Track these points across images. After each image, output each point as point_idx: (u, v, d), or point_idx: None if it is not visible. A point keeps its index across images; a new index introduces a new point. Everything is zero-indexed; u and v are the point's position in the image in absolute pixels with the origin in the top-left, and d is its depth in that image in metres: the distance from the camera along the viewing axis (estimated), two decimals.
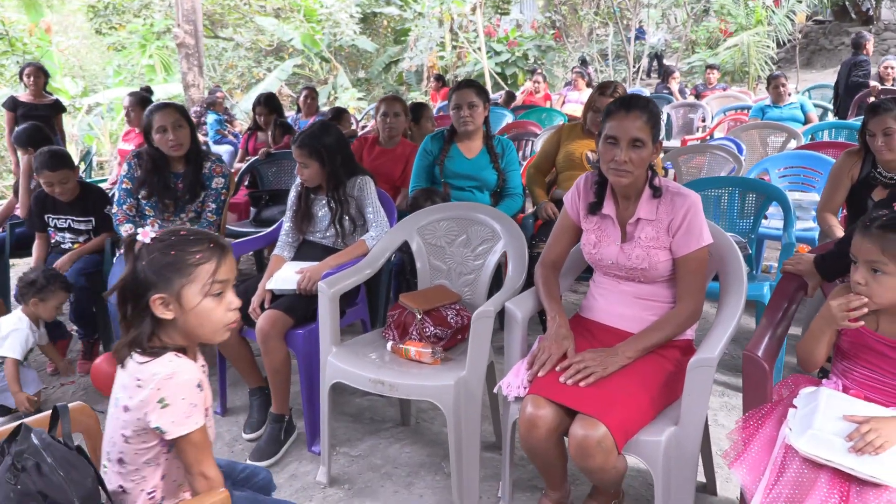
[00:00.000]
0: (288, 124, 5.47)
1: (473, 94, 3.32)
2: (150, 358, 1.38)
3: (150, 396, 1.35)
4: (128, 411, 1.38)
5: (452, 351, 2.37)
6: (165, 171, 3.11)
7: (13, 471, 1.29)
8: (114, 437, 1.43)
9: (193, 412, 1.36)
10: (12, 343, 2.92)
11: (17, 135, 4.23)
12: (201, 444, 1.40)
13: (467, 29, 14.17)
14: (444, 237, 2.66)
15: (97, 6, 16.46)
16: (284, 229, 2.91)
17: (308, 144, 2.75)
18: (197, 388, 1.38)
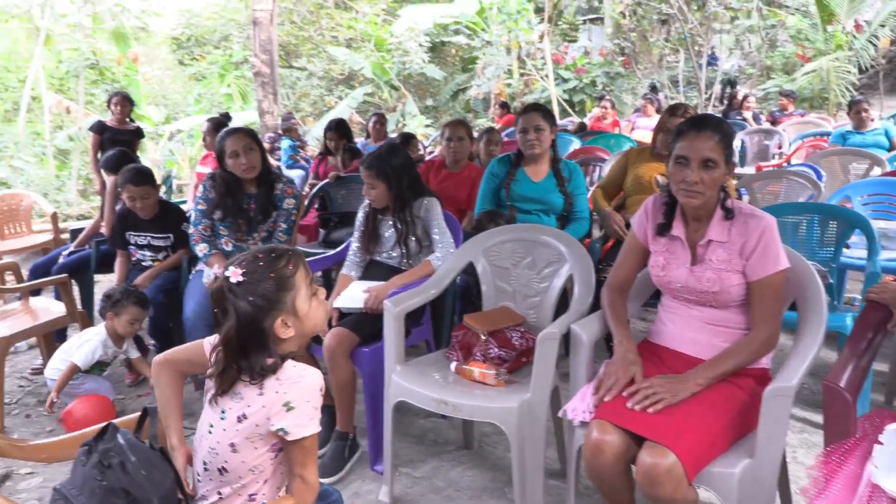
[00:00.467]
0: (357, 149, 5.60)
1: (540, 118, 3.32)
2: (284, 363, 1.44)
3: (274, 400, 1.41)
4: (244, 419, 1.43)
5: (517, 374, 2.35)
6: (238, 193, 3.22)
7: (100, 467, 1.35)
8: (217, 448, 1.48)
9: (315, 415, 1.43)
10: (81, 351, 3.13)
11: (105, 160, 4.47)
12: (311, 448, 1.45)
13: (535, 56, 14.23)
14: (509, 259, 2.65)
15: (180, 38, 17.34)
16: (352, 249, 2.96)
17: (375, 166, 2.81)
18: (319, 391, 1.45)
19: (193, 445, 1.57)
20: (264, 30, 9.41)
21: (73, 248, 4.23)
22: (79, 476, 1.42)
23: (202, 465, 1.53)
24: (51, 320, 3.41)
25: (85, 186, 11.65)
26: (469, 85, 15.06)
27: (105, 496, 1.36)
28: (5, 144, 11.43)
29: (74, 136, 11.78)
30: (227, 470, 1.48)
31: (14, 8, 13.54)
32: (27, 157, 11.01)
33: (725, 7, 12.95)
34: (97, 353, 3.16)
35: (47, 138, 12.43)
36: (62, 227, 6.47)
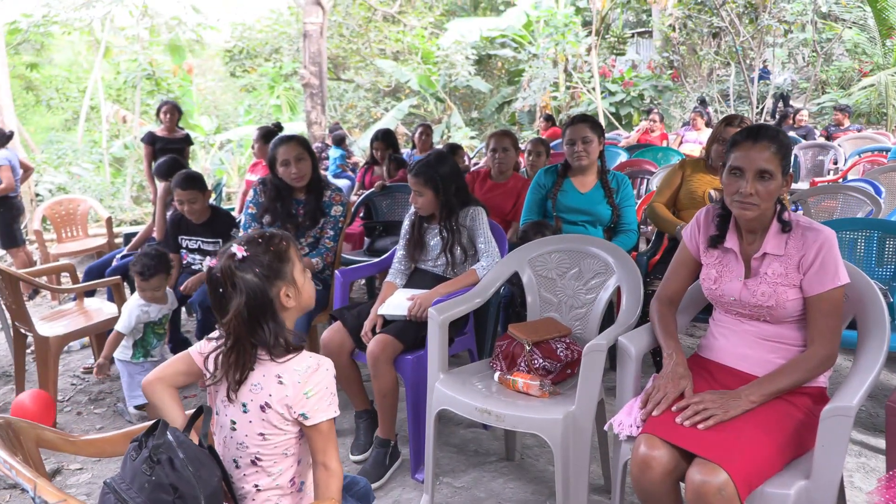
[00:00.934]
0: (402, 159, 5.63)
1: (588, 129, 3.28)
2: (291, 355, 1.52)
3: (296, 390, 1.49)
4: (268, 408, 1.51)
5: (561, 385, 2.32)
6: (288, 198, 3.27)
7: (149, 463, 1.38)
8: (245, 441, 1.54)
9: (333, 401, 1.52)
10: (123, 318, 3.23)
11: (157, 166, 4.60)
12: (331, 433, 1.52)
13: (582, 70, 14.17)
14: (555, 269, 2.62)
15: (233, 51, 17.77)
16: (397, 257, 2.97)
17: (423, 173, 2.81)
18: (333, 378, 1.53)
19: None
20: (314, 42, 9.58)
21: (126, 252, 4.34)
22: (129, 471, 1.45)
23: (232, 464, 1.57)
24: (104, 320, 3.50)
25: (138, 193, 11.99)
26: (514, 98, 15.06)
27: (153, 491, 1.38)
28: (64, 152, 11.87)
29: (129, 145, 12.17)
30: (261, 458, 1.54)
31: (76, 21, 14.10)
32: (85, 164, 11.40)
33: (779, 20, 12.69)
34: (134, 316, 3.24)
35: (104, 146, 12.87)
36: (116, 231, 6.68)
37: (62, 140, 13.72)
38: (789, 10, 12.97)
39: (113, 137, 13.75)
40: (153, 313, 3.29)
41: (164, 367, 1.64)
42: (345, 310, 2.83)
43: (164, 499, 1.39)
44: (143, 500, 1.40)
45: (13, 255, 5.82)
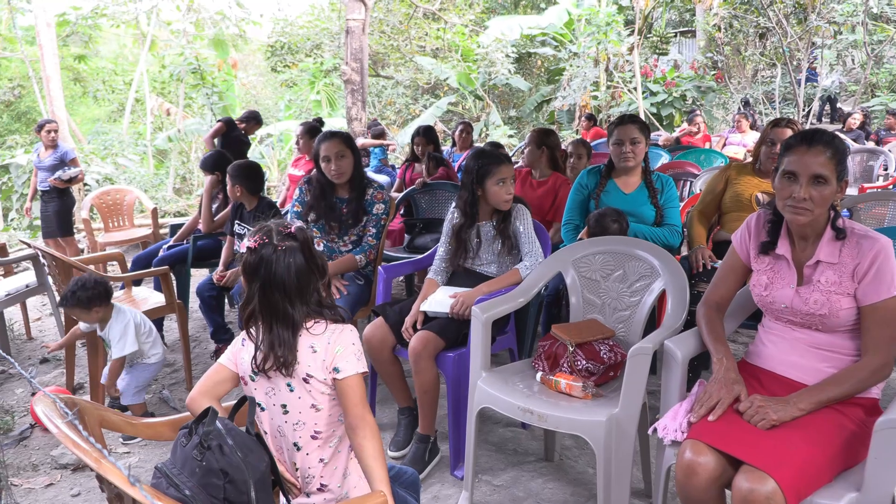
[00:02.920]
0: (441, 157, 5.65)
1: (636, 130, 3.25)
2: (321, 324, 1.63)
3: (327, 350, 1.59)
4: (311, 378, 1.60)
5: (604, 388, 2.31)
6: (331, 196, 3.31)
7: (200, 448, 1.42)
8: (301, 418, 1.63)
9: (361, 357, 1.62)
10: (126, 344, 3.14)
11: (203, 160, 4.70)
12: (361, 389, 1.61)
13: (623, 69, 14.01)
14: (599, 271, 2.62)
15: (274, 46, 17.99)
16: (439, 254, 2.99)
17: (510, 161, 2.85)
18: (359, 338, 1.66)
19: (270, 447, 1.65)
20: (356, 39, 9.65)
21: (172, 243, 4.45)
22: (179, 457, 1.49)
23: (294, 449, 1.65)
24: (152, 309, 3.59)
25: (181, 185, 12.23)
26: (553, 96, 14.96)
27: (204, 476, 1.43)
28: (111, 142, 12.15)
29: (173, 138, 12.39)
30: (320, 431, 1.64)
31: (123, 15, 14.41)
32: (130, 155, 11.66)
33: (829, 21, 12.38)
34: (130, 329, 3.19)
35: (148, 138, 13.15)
36: (161, 222, 6.82)
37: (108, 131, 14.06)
38: (839, 10, 12.65)
39: (157, 130, 14.04)
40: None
41: (203, 382, 1.71)
42: (387, 305, 2.86)
43: (214, 483, 1.44)
44: (194, 484, 1.44)
45: (67, 243, 6.02)
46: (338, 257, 3.28)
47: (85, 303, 3.05)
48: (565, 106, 14.19)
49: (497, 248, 2.85)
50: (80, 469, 2.84)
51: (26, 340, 4.63)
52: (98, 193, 6.58)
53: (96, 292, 3.08)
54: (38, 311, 5.28)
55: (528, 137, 4.25)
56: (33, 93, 13.33)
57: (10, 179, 9.76)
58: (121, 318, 3.15)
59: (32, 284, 4.27)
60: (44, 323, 5.01)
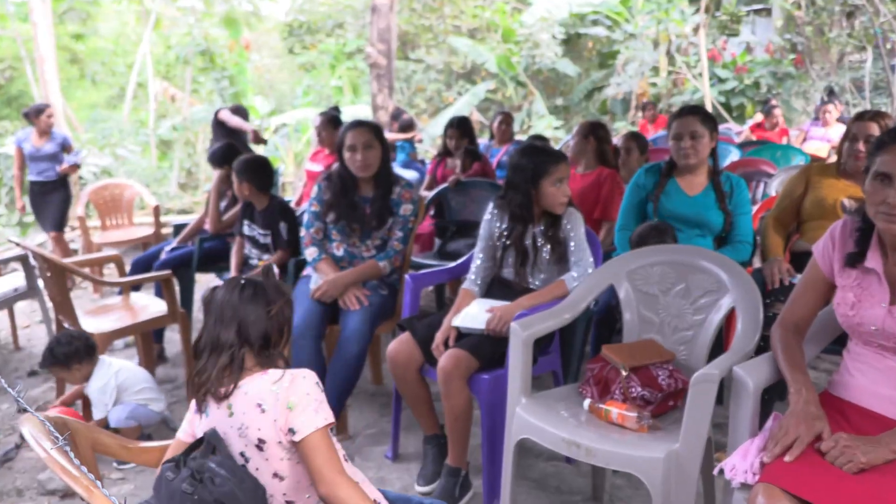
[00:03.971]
0: (477, 151, 5.65)
1: (698, 123, 3.22)
2: (261, 372, 1.61)
3: (277, 408, 1.55)
4: (264, 445, 1.56)
5: (661, 419, 2.29)
6: (354, 193, 3.33)
7: (192, 481, 1.46)
8: (268, 489, 1.60)
9: (320, 408, 1.57)
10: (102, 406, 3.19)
11: (211, 153, 4.77)
12: (325, 447, 1.55)
13: (687, 52, 13.88)
14: (658, 284, 2.59)
15: (292, 25, 18.19)
16: (475, 262, 2.98)
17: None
18: (315, 384, 1.59)
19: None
20: (383, 17, 9.72)
21: (175, 244, 4.52)
22: (165, 493, 1.54)
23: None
24: (151, 318, 3.66)
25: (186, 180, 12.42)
26: (606, 83, 14.87)
27: None
28: (110, 131, 12.39)
29: (178, 127, 12.60)
30: (292, 501, 1.62)
31: None
32: (131, 145, 11.88)
33: None
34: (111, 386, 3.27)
35: (150, 127, 13.38)
36: (163, 220, 6.94)
37: (106, 119, 14.32)
38: None
39: (160, 118, 14.29)
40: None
41: (170, 454, 1.72)
42: (414, 319, 2.87)
43: None
44: None
45: (57, 240, 6.13)
46: (359, 263, 3.30)
47: (63, 360, 3.11)
48: (619, 94, 14.11)
49: (545, 256, 2.84)
50: (69, 496, 2.89)
51: (13, 350, 4.74)
52: (95, 188, 6.72)
53: (73, 349, 3.13)
54: (28, 317, 5.40)
55: (576, 129, 4.27)
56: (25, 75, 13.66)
57: (0, 171, 10.02)
58: (101, 374, 3.18)
59: (21, 288, 4.37)
60: (33, 331, 5.12)
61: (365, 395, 3.68)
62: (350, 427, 3.31)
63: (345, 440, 3.21)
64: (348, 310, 3.15)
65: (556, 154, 2.87)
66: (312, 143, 11.04)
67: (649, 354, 2.39)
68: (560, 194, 2.80)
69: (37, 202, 6.08)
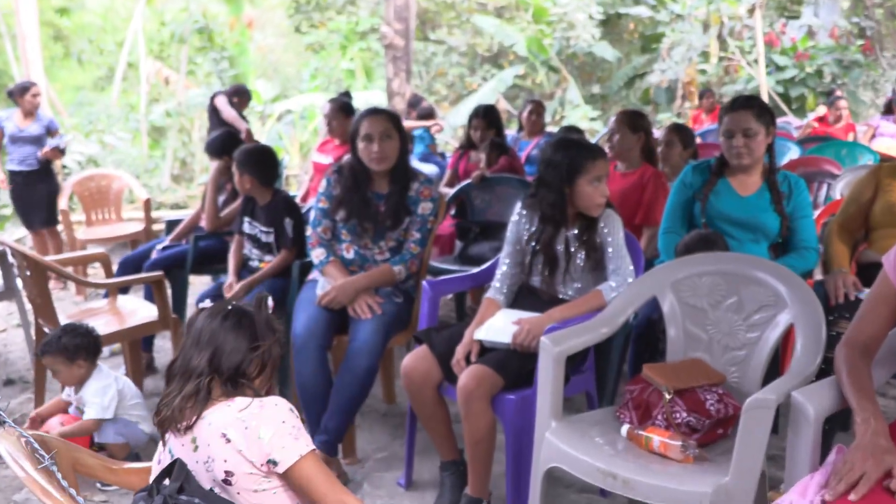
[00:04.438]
0: (505, 144, 5.66)
1: (751, 118, 3.17)
2: (225, 400, 1.64)
3: (247, 438, 1.56)
4: (232, 478, 1.58)
5: (710, 449, 2.27)
6: (367, 189, 3.34)
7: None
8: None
9: (299, 434, 1.58)
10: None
11: (209, 143, 4.80)
12: (318, 472, 1.57)
13: (741, 36, 13.81)
14: (706, 297, 2.58)
15: (299, 1, 18.28)
16: (501, 268, 2.98)
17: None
18: (288, 409, 1.61)
19: None
20: None
21: (168, 243, 4.56)
22: None
23: None
24: (141, 324, 3.69)
25: (180, 171, 12.52)
26: (649, 69, 14.83)
27: None
28: (97, 116, 12.51)
29: (172, 112, 12.71)
30: None
31: None
32: (120, 132, 11.99)
33: None
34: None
35: (142, 112, 13.50)
36: (154, 216, 7.00)
37: (93, 102, 14.47)
38: None
39: (153, 101, 14.41)
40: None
41: None
42: (432, 331, 2.87)
43: None
44: None
45: (52, 235, 6.17)
46: (371, 267, 3.31)
47: (70, 352, 3.15)
48: (664, 81, 14.06)
49: (579, 264, 2.84)
50: None
51: None
52: (80, 178, 6.79)
53: (85, 343, 3.19)
54: (3, 321, 5.47)
55: (615, 120, 4.19)
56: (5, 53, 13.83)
57: None
58: (101, 377, 3.24)
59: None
60: (9, 335, 5.18)
61: (376, 415, 3.69)
62: (359, 450, 3.31)
63: (353, 464, 3.21)
64: (359, 319, 3.15)
65: (593, 149, 2.86)
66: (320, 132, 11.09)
67: (696, 376, 2.38)
68: (598, 194, 2.79)
69: (20, 195, 6.12)
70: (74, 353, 3.16)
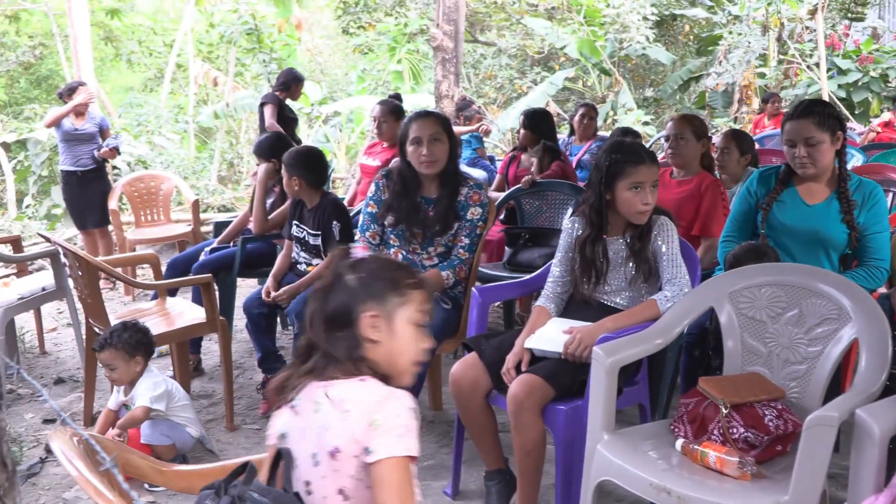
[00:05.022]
0: (556, 148, 5.64)
1: (813, 128, 3.08)
2: (359, 378, 1.60)
3: (360, 420, 1.54)
4: (338, 454, 1.55)
5: (768, 466, 2.24)
6: (416, 194, 3.36)
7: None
8: (328, 498, 1.59)
9: (407, 435, 1.53)
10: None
11: (259, 144, 4.86)
12: (405, 480, 1.52)
13: (801, 38, 13.59)
14: (766, 309, 2.55)
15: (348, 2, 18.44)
16: (553, 276, 2.98)
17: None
18: (410, 410, 1.56)
19: None
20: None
21: (216, 245, 4.63)
22: None
23: None
24: (189, 326, 3.75)
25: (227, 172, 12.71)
26: (705, 73, 14.66)
27: None
28: (146, 117, 12.77)
29: (220, 113, 12.90)
30: None
31: None
32: (169, 133, 12.22)
33: None
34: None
35: (190, 113, 13.73)
36: (202, 217, 7.11)
37: (142, 103, 14.78)
38: None
39: (201, 103, 14.66)
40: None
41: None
42: (482, 338, 2.88)
43: None
44: None
45: (103, 235, 6.31)
46: (419, 272, 3.32)
47: (131, 347, 3.27)
48: (720, 85, 13.88)
49: (629, 273, 2.82)
50: None
51: (39, 355, 4.92)
52: (129, 179, 6.94)
53: (145, 340, 3.32)
54: (54, 319, 5.61)
55: (673, 125, 4.11)
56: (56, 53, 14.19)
57: (27, 158, 10.40)
58: (152, 375, 3.34)
59: (50, 287, 4.54)
60: (60, 335, 5.31)
61: (422, 423, 3.67)
62: None
63: None
64: None
65: (637, 152, 2.81)
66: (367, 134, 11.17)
67: (754, 390, 2.35)
68: (637, 202, 2.76)
69: (73, 194, 6.25)
70: (134, 348, 3.26)
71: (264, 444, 3.44)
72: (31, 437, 3.72)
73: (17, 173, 10.54)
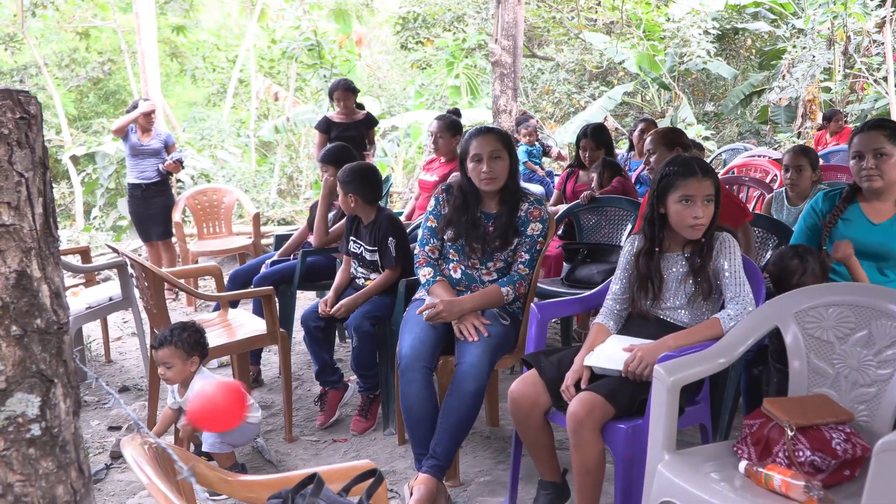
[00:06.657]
0: (616, 164, 5.61)
1: (884, 140, 3.05)
2: None
3: None
4: None
5: (836, 491, 2.18)
6: (476, 209, 3.37)
7: None
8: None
9: None
10: None
11: (323, 153, 4.93)
12: None
13: (869, 52, 13.30)
14: (833, 329, 2.49)
15: (407, 18, 18.63)
16: (612, 293, 2.96)
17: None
18: None
19: None
20: (509, 9, 9.80)
21: (276, 258, 4.70)
22: None
23: None
24: (250, 337, 3.81)
25: (286, 186, 12.90)
26: (768, 87, 14.44)
27: None
28: (209, 131, 13.05)
29: (280, 128, 13.12)
30: None
31: None
32: (231, 147, 12.47)
33: None
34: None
35: (251, 128, 14.00)
36: (262, 230, 7.23)
37: (206, 118, 15.11)
38: None
39: (262, 117, 14.94)
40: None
41: None
42: (541, 355, 2.87)
43: None
44: None
45: (167, 247, 6.47)
46: (478, 288, 3.33)
47: (189, 346, 3.33)
48: (783, 100, 13.65)
49: (689, 290, 2.79)
50: None
51: (105, 363, 5.05)
52: (193, 192, 7.10)
53: (202, 341, 3.38)
54: (120, 329, 5.75)
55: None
56: (125, 69, 14.60)
57: (95, 171, 10.71)
58: (205, 376, 3.38)
59: (116, 297, 4.66)
60: (125, 344, 5.45)
61: (479, 438, 3.70)
62: (461, 473, 3.33)
63: (455, 487, 3.23)
64: (465, 341, 3.17)
65: (689, 165, 2.77)
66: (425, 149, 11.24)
67: (821, 412, 2.30)
68: (687, 215, 2.72)
69: (138, 207, 6.44)
70: (192, 348, 3.32)
71: (322, 455, 3.54)
72: (96, 443, 3.82)
73: (85, 185, 10.86)
